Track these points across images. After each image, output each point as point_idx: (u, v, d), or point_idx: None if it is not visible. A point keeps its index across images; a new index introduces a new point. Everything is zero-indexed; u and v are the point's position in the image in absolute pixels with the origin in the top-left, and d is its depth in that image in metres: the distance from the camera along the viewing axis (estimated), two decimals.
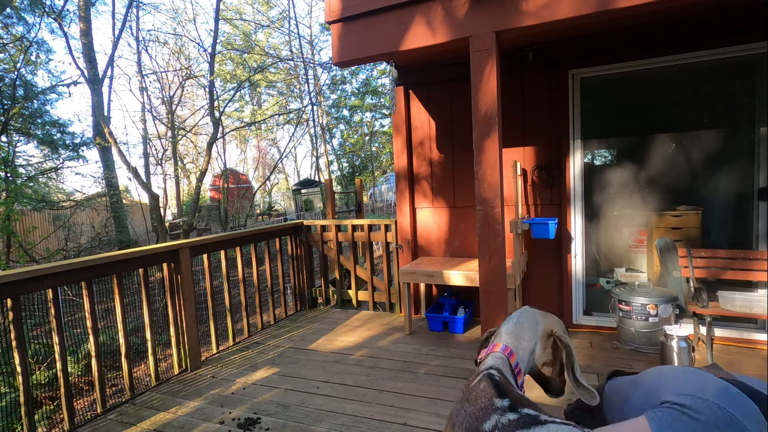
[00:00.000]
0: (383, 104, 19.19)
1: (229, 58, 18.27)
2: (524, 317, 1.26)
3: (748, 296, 2.91)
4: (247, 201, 17.58)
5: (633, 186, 4.33)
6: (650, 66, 3.44)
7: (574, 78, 3.66)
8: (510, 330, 1.22)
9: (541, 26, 2.49)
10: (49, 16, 9.48)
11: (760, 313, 2.83)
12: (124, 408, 2.82)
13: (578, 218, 3.75)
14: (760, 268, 3.03)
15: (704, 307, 2.97)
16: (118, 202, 11.37)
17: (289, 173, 27.21)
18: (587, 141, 3.88)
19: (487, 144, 2.63)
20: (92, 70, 10.18)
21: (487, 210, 2.66)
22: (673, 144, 4.61)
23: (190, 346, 3.37)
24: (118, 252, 3.07)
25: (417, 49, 2.81)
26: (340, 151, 21.49)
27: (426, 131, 4.28)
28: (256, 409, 2.70)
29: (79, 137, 10.68)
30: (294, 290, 4.96)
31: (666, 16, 3.17)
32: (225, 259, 3.91)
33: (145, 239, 13.57)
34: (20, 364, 2.39)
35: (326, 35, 20.36)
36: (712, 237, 4.19)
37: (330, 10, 2.99)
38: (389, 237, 4.50)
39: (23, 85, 9.25)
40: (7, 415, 3.93)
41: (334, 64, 3.12)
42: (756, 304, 2.84)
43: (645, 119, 4.63)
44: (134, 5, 12.10)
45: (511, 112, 3.79)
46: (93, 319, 2.78)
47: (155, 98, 15.55)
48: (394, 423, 2.45)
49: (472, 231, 4.11)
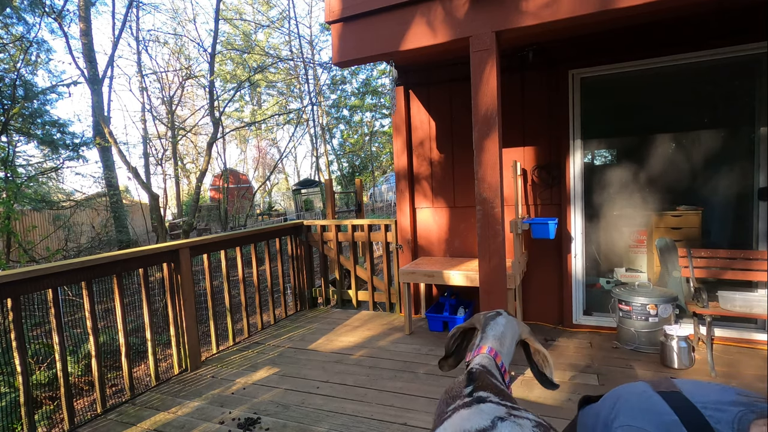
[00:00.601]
0: (383, 104, 19.20)
1: (229, 58, 18.27)
2: (507, 325, 1.41)
3: (748, 296, 2.91)
4: (247, 201, 17.58)
5: (633, 186, 4.33)
6: (650, 66, 3.44)
7: (574, 78, 3.66)
8: (497, 335, 1.37)
9: (541, 26, 2.49)
10: (49, 16, 9.48)
11: (760, 313, 2.83)
12: (124, 408, 2.82)
13: (578, 218, 3.75)
14: (760, 268, 3.03)
15: (704, 307, 2.97)
16: (118, 202, 11.37)
17: (289, 173, 27.24)
18: (587, 141, 3.88)
19: (487, 144, 2.63)
20: (92, 70, 10.19)
21: (487, 210, 2.66)
22: (673, 144, 4.61)
23: (190, 346, 3.37)
24: (118, 252, 3.07)
25: (417, 49, 2.81)
26: (340, 151, 21.50)
27: (426, 131, 4.28)
28: (256, 409, 2.70)
29: (79, 137, 10.67)
30: (294, 290, 4.96)
31: (666, 16, 3.17)
32: (225, 259, 3.91)
33: (145, 239, 13.57)
34: (20, 364, 2.39)
35: (326, 35, 20.36)
36: (712, 237, 4.20)
37: (330, 10, 2.99)
38: (389, 237, 4.50)
39: (23, 85, 9.24)
40: (7, 415, 3.93)
41: (334, 64, 3.12)
42: (756, 304, 2.84)
43: (645, 119, 4.63)
44: (134, 5, 12.11)
45: (511, 112, 3.79)
46: (93, 319, 2.78)
47: (155, 98, 15.57)
48: (394, 423, 2.45)
49: (472, 231, 4.11)
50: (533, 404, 2.58)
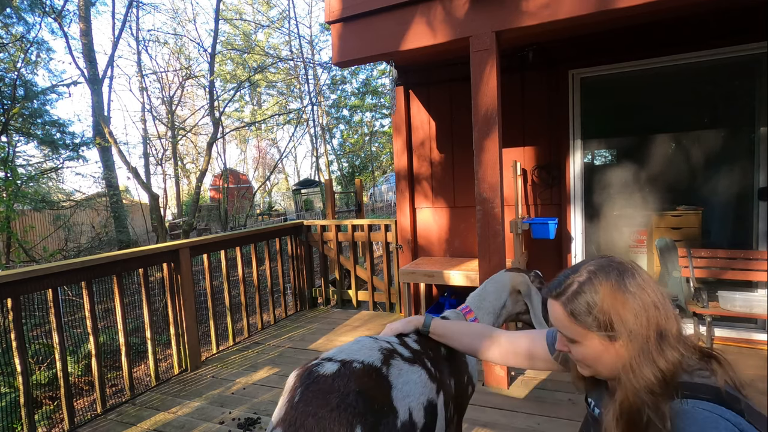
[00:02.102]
0: (383, 104, 19.20)
1: (229, 58, 18.27)
2: (491, 283, 1.64)
3: (748, 296, 2.91)
4: (247, 201, 17.57)
5: (633, 186, 4.32)
6: (650, 66, 3.44)
7: (574, 78, 3.66)
8: (475, 294, 1.62)
9: (541, 26, 2.49)
10: (49, 16, 9.47)
11: (760, 313, 2.83)
12: (124, 408, 2.82)
13: (578, 218, 3.75)
14: (760, 268, 3.03)
15: (704, 307, 2.97)
16: (118, 202, 11.36)
17: (289, 173, 27.23)
18: (587, 141, 3.88)
19: (487, 144, 2.63)
20: (92, 70, 10.18)
21: (487, 210, 2.66)
22: (673, 144, 4.61)
23: (190, 346, 3.37)
24: (118, 252, 3.07)
25: (417, 49, 2.80)
26: (340, 151, 21.49)
27: (426, 131, 4.28)
28: (256, 409, 2.70)
29: (79, 137, 10.66)
30: (294, 290, 4.96)
31: (666, 16, 3.17)
32: (225, 259, 3.91)
33: (145, 239, 13.57)
34: (20, 364, 2.39)
35: (326, 35, 20.35)
36: (712, 237, 4.19)
37: (330, 10, 2.98)
38: (389, 237, 4.50)
39: (23, 85, 9.23)
40: (7, 415, 3.93)
41: (334, 64, 3.12)
42: (756, 304, 2.84)
43: (645, 119, 4.63)
44: (134, 5, 12.11)
45: (511, 112, 3.79)
46: (93, 319, 2.78)
47: (155, 98, 15.57)
48: None
49: (472, 231, 4.11)
50: (533, 403, 2.58)
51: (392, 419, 0.99)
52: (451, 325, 1.33)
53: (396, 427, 1.00)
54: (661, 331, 0.81)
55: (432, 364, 1.21)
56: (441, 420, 1.16)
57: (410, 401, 1.07)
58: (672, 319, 0.83)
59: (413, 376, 1.12)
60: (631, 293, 0.83)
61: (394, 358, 1.13)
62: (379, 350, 1.13)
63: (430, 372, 1.18)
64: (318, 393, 0.95)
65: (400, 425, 1.01)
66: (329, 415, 0.91)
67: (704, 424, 0.74)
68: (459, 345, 1.31)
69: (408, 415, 1.04)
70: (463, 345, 1.30)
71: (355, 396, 0.95)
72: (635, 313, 0.81)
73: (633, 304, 0.82)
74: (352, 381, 0.98)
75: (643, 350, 0.80)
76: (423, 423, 1.08)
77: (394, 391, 1.04)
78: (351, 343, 1.15)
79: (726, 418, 0.74)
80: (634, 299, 0.82)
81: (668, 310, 0.84)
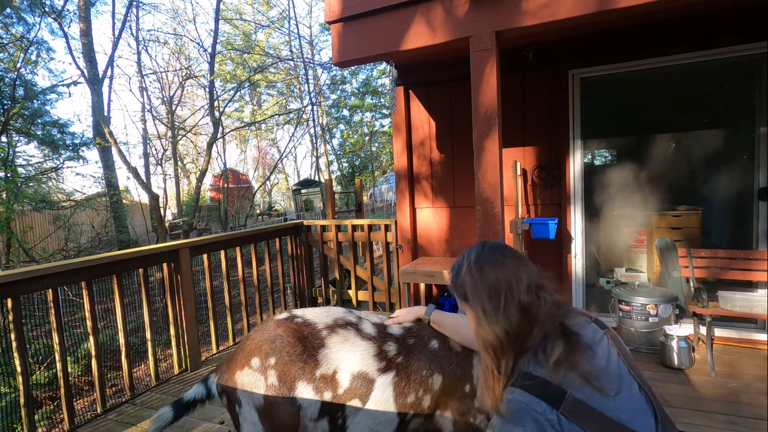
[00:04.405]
0: (383, 104, 19.20)
1: (229, 58, 18.26)
2: None
3: (748, 296, 2.91)
4: (247, 201, 17.57)
5: (633, 186, 4.33)
6: (650, 66, 3.44)
7: (574, 78, 3.66)
8: None
9: (541, 26, 2.49)
10: (49, 16, 9.48)
11: (760, 313, 2.83)
12: (124, 408, 2.82)
13: (578, 218, 3.75)
14: (760, 268, 3.03)
15: (704, 307, 2.97)
16: (118, 202, 11.36)
17: (289, 173, 27.22)
18: (587, 141, 3.88)
19: (487, 144, 2.63)
20: (92, 70, 10.18)
21: (487, 210, 2.65)
22: (673, 144, 4.61)
23: (190, 346, 3.37)
24: (118, 252, 3.07)
25: (417, 49, 2.80)
26: (340, 151, 21.49)
27: (426, 131, 4.27)
28: None
29: (79, 137, 10.67)
30: (294, 290, 4.96)
31: (666, 16, 3.17)
32: (225, 259, 3.91)
33: (145, 239, 13.57)
34: (20, 364, 2.39)
35: (326, 35, 20.35)
36: (712, 237, 4.19)
37: (330, 10, 2.98)
38: (389, 237, 4.50)
39: (23, 85, 9.24)
40: (7, 415, 3.93)
41: (334, 64, 3.12)
42: (756, 304, 2.84)
43: (645, 119, 4.63)
44: (134, 5, 12.10)
45: (511, 112, 3.78)
46: (93, 319, 2.78)
47: (155, 98, 15.55)
48: None
49: (472, 231, 4.10)
50: None
51: (311, 367, 1.37)
52: (450, 316, 1.46)
53: (315, 378, 1.35)
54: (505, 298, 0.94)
55: (399, 349, 1.43)
56: (386, 397, 1.37)
57: (339, 364, 1.36)
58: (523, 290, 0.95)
59: (356, 348, 1.38)
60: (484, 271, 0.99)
61: (347, 329, 1.40)
62: (336, 319, 1.44)
63: (383, 353, 1.39)
64: (258, 329, 1.48)
65: (319, 376, 1.34)
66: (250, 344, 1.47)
67: (513, 412, 0.84)
68: (456, 336, 1.44)
69: (332, 372, 1.35)
70: (460, 336, 1.44)
71: (279, 337, 1.41)
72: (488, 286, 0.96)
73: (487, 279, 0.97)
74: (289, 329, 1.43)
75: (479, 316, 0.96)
76: (350, 387, 1.36)
77: (324, 350, 1.38)
78: (324, 309, 1.55)
79: (533, 408, 0.82)
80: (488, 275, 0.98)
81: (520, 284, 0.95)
